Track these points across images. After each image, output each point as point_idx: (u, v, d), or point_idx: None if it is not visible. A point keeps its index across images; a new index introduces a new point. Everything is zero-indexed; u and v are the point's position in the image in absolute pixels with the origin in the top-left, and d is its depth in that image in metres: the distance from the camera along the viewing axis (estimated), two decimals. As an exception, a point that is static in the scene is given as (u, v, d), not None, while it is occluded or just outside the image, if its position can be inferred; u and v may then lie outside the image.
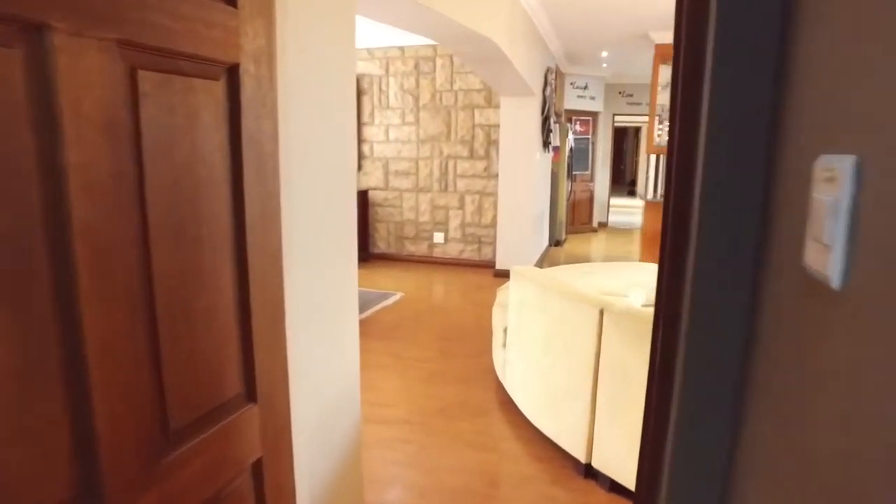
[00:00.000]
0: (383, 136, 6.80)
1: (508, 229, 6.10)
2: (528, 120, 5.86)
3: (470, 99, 6.39)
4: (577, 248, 8.32)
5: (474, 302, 5.25)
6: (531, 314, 2.68)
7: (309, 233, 1.41)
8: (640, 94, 9.73)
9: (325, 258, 1.53)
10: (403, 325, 4.53)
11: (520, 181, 5.98)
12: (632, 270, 4.43)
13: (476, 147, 6.47)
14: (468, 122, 6.44)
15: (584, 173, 9.39)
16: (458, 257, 6.79)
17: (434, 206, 6.76)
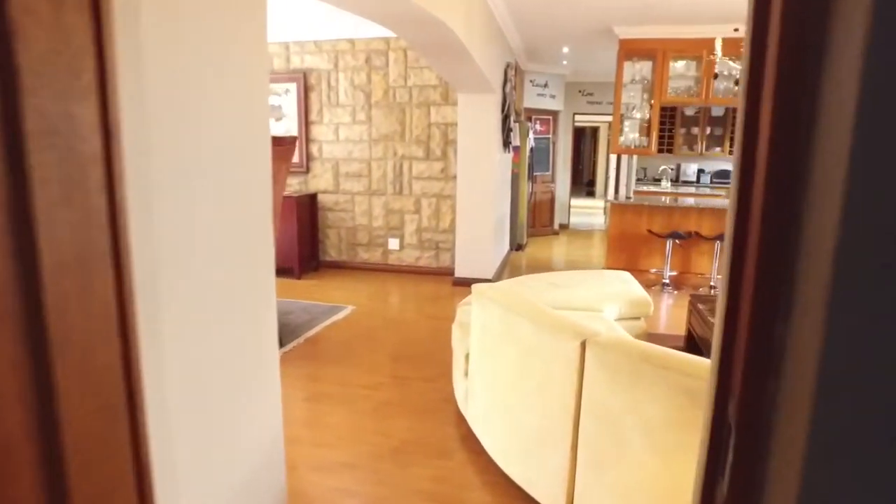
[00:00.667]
0: (333, 135, 6.32)
1: (468, 234, 5.72)
2: (487, 118, 5.50)
3: (425, 96, 5.98)
4: (539, 252, 8.02)
5: (432, 315, 4.84)
6: (496, 343, 2.30)
7: (191, 264, 0.99)
8: (601, 92, 9.54)
9: (224, 295, 1.11)
10: (353, 345, 4.08)
11: (479, 183, 5.61)
12: (602, 280, 4.12)
13: (432, 147, 6.07)
14: (424, 121, 6.03)
15: (545, 174, 9.12)
16: (415, 265, 6.37)
17: (388, 210, 6.32)
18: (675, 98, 5.77)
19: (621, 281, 4.14)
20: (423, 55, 4.24)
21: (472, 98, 5.45)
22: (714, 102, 5.71)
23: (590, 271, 4.47)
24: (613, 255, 6.17)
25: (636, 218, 6.05)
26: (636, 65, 5.95)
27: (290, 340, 4.10)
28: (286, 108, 6.36)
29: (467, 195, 5.64)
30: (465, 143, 5.56)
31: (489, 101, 5.46)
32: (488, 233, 5.69)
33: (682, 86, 5.86)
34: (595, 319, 3.20)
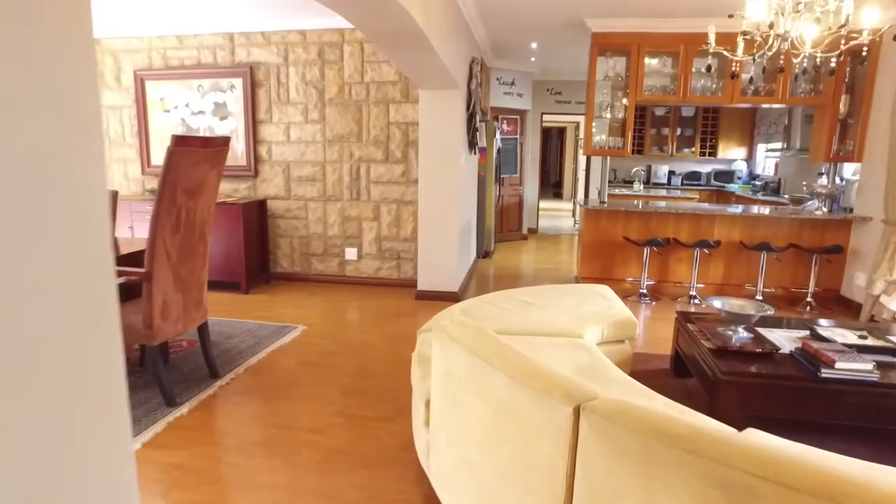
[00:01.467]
0: (283, 135, 5.77)
1: (431, 243, 5.25)
2: (451, 117, 5.04)
3: (384, 93, 5.49)
4: (508, 259, 7.60)
5: (392, 335, 4.36)
6: (462, 393, 1.83)
7: None
8: (570, 92, 9.20)
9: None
10: (302, 375, 3.56)
11: (443, 187, 5.15)
12: (580, 296, 3.70)
13: (392, 149, 5.58)
14: (382, 120, 5.53)
15: (513, 176, 8.73)
16: (375, 276, 5.87)
17: (345, 217, 5.80)
18: (651, 97, 5.43)
19: (601, 297, 3.73)
20: (380, 46, 3.75)
21: (434, 95, 4.99)
22: (692, 101, 5.39)
23: (566, 286, 4.06)
24: (587, 263, 5.79)
25: (611, 224, 5.68)
26: (610, 60, 5.58)
27: (229, 371, 3.56)
28: (231, 105, 5.78)
29: (430, 201, 5.18)
30: (427, 143, 5.09)
31: (453, 99, 5.00)
32: (453, 241, 5.23)
33: (658, 84, 5.52)
34: (576, 348, 2.77)
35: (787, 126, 7.54)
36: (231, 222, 5.37)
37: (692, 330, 3.27)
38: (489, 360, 1.68)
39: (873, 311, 4.88)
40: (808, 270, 5.44)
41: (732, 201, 8.22)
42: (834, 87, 5.25)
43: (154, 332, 2.91)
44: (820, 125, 5.47)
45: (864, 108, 5.21)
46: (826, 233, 5.47)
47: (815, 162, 5.83)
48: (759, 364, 2.76)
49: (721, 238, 5.55)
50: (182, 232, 2.99)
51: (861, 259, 5.25)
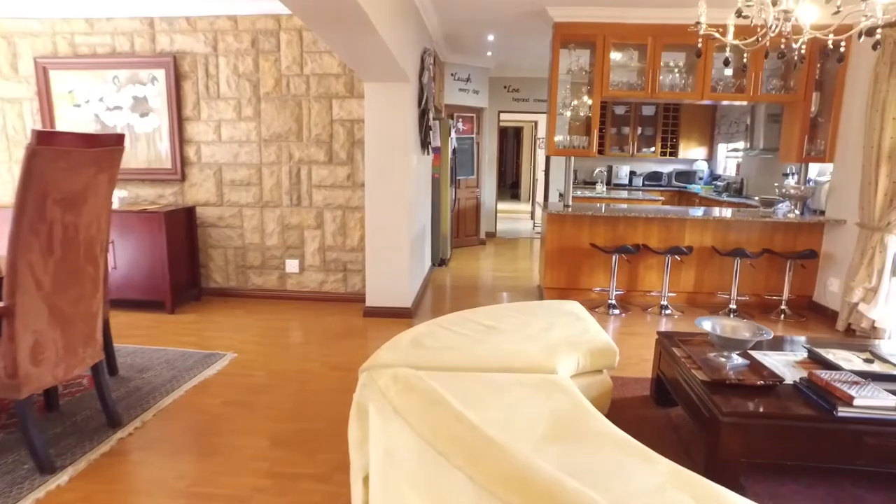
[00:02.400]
0: (214, 134, 5.12)
1: (381, 254, 4.72)
2: (401, 113, 4.52)
3: (326, 86, 4.92)
4: (466, 267, 7.13)
5: (336, 362, 3.80)
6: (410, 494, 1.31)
7: None
8: (528, 89, 8.81)
9: None
10: (224, 419, 2.97)
11: (393, 192, 4.62)
12: (549, 316, 3.24)
13: (336, 149, 5.01)
14: (325, 117, 4.96)
15: (470, 178, 8.26)
16: (319, 290, 5.28)
17: (285, 225, 5.20)
18: (617, 92, 5.04)
19: (573, 317, 3.28)
20: (315, 27, 3.20)
21: (381, 88, 4.45)
22: (661, 98, 5.04)
23: (532, 304, 3.59)
24: (551, 272, 5.37)
25: (576, 230, 5.28)
26: (573, 53, 5.18)
27: (135, 416, 2.94)
28: (153, 100, 5.09)
29: (379, 206, 4.64)
30: (374, 143, 4.56)
31: (402, 93, 4.48)
32: (405, 252, 4.71)
33: (624, 79, 5.15)
34: (550, 388, 2.30)
35: (749, 126, 7.34)
36: (152, 233, 4.70)
37: (679, 356, 2.86)
38: (445, 452, 1.17)
39: (850, 320, 4.62)
40: (781, 276, 5.17)
41: (696, 203, 7.99)
42: (805, 85, 4.98)
43: (20, 381, 2.28)
44: (790, 124, 5.21)
45: (835, 107, 4.97)
46: (798, 236, 5.22)
47: (786, 162, 5.58)
48: (762, 400, 2.35)
49: (693, 243, 5.22)
50: (58, 253, 2.37)
51: (835, 264, 5.00)
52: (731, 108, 8.39)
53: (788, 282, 5.05)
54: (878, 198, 4.39)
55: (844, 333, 4.64)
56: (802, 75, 4.97)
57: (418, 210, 5.34)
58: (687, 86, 5.08)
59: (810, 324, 4.89)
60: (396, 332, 4.45)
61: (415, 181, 4.96)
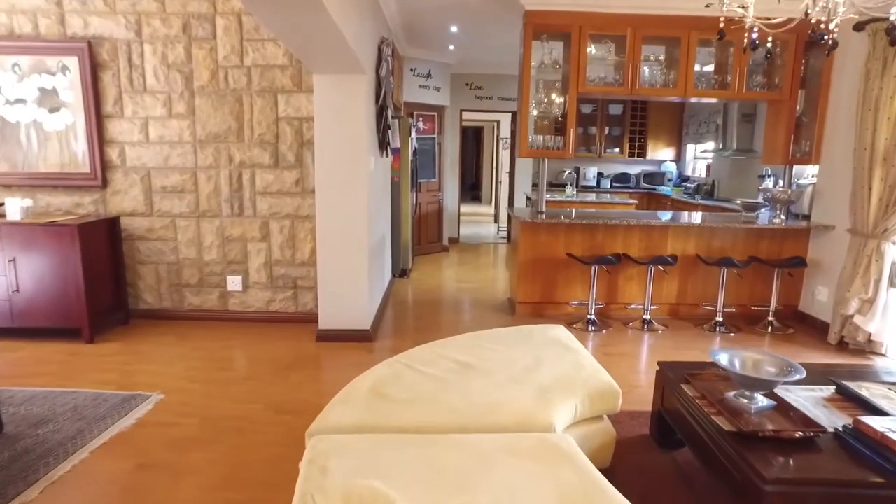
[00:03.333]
0: (140, 134, 4.44)
1: (334, 268, 4.15)
2: (357, 110, 3.96)
3: (270, 79, 4.32)
4: (429, 277, 6.61)
5: (282, 402, 3.22)
6: None
7: None
8: (492, 86, 8.36)
9: None
10: (135, 491, 2.36)
11: (349, 198, 4.06)
12: (534, 349, 2.76)
13: (283, 151, 4.42)
14: (269, 115, 4.36)
15: (431, 181, 7.75)
16: (266, 310, 4.67)
17: (225, 237, 4.56)
18: (595, 88, 4.62)
19: (562, 347, 2.81)
20: (256, 10, 2.62)
21: (333, 81, 3.89)
22: (641, 94, 4.64)
23: (512, 331, 3.10)
24: (525, 285, 4.91)
25: (551, 238, 4.83)
26: (546, 45, 4.73)
27: (15, 495, 2.30)
28: (64, 93, 4.38)
29: (333, 215, 4.07)
30: (326, 144, 3.98)
31: (358, 86, 3.92)
32: (362, 266, 4.15)
33: (600, 75, 4.73)
34: (550, 455, 1.80)
35: (722, 126, 7.07)
36: (63, 249, 4.00)
37: (691, 396, 2.41)
38: None
39: (844, 332, 4.33)
40: (767, 286, 4.86)
41: (668, 205, 7.70)
42: (791, 82, 4.68)
43: None
44: (775, 124, 4.90)
45: (820, 106, 4.68)
46: (784, 243, 4.92)
47: (770, 164, 5.29)
48: (806, 457, 1.93)
49: (675, 252, 4.85)
50: None
51: (823, 272, 4.72)
52: (700, 108, 8.16)
53: (776, 291, 4.74)
54: (873, 203, 4.10)
55: (837, 347, 4.34)
56: (788, 72, 4.66)
57: (377, 218, 4.80)
58: (669, 82, 4.70)
59: (799, 336, 4.58)
60: (353, 360, 3.91)
61: (373, 186, 4.41)
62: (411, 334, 4.44)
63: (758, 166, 6.71)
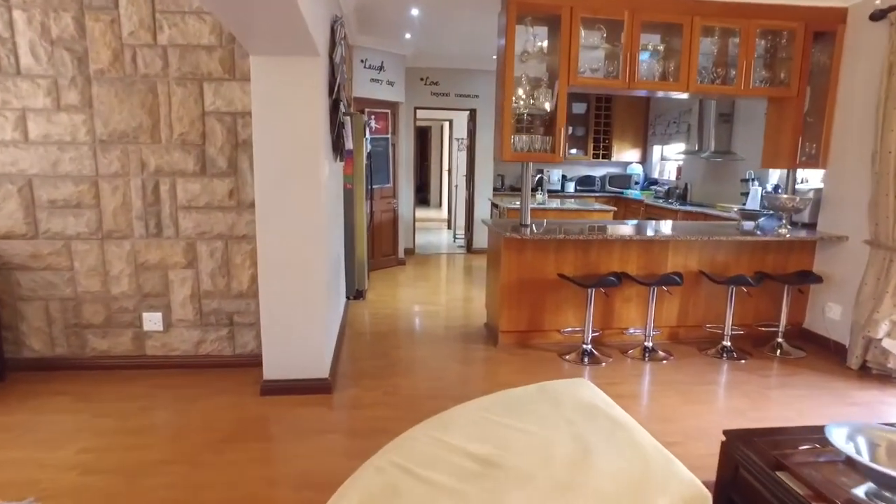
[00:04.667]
0: (15, 131, 3.41)
1: (282, 300, 3.28)
2: (308, 102, 3.11)
3: (194, 63, 3.39)
4: (388, 298, 5.80)
5: (218, 497, 2.34)
6: None
7: None
8: (450, 82, 7.63)
9: None
10: None
11: (298, 214, 3.20)
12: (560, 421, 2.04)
13: (212, 154, 3.50)
14: (193, 108, 3.44)
15: (385, 187, 6.93)
16: (196, 354, 3.73)
17: (139, 264, 3.60)
18: (588, 80, 3.96)
19: (608, 421, 2.10)
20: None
21: (277, 65, 3.02)
22: (640, 88, 4.02)
23: (529, 392, 2.37)
24: (510, 312, 4.20)
25: (540, 257, 4.14)
26: (530, 31, 4.03)
27: None
28: (-89, 79, 3.28)
29: (278, 234, 3.20)
30: (267, 146, 3.10)
31: (309, 72, 3.07)
32: (317, 295, 3.31)
33: (591, 66, 4.09)
34: None
35: (697, 126, 6.64)
36: None
37: (798, 493, 1.75)
38: None
39: (867, 356, 3.87)
40: (774, 304, 4.38)
41: (642, 211, 7.21)
42: (799, 77, 4.19)
43: None
44: (778, 123, 4.41)
45: (828, 104, 4.23)
46: (790, 256, 4.45)
47: (773, 168, 4.82)
48: None
49: (677, 268, 4.28)
50: None
51: (833, 287, 4.27)
52: (668, 107, 7.74)
53: (786, 310, 4.25)
54: (900, 212, 3.65)
55: (859, 373, 3.88)
56: (795, 66, 4.17)
57: (332, 236, 3.95)
58: (668, 75, 4.11)
59: (814, 360, 4.10)
60: (311, 423, 3.00)
61: (327, 198, 3.57)
62: (380, 380, 3.63)
63: (737, 169, 6.31)
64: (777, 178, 5.84)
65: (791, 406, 3.34)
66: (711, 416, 3.19)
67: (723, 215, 5.62)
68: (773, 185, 5.49)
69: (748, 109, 6.17)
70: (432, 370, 3.80)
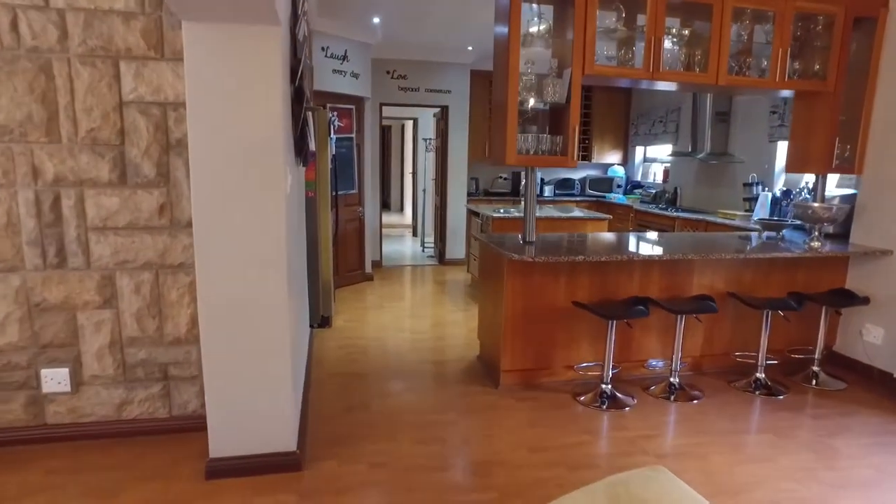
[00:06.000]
0: None
1: (231, 347, 2.45)
2: (264, 87, 2.29)
3: (106, 35, 2.53)
4: (359, 325, 5.01)
5: None
6: None
7: None
8: (418, 76, 6.89)
9: None
10: None
11: (251, 235, 2.38)
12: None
13: (133, 158, 2.64)
14: (107, 96, 2.57)
15: (351, 193, 6.12)
16: (118, 419, 2.86)
17: (34, 305, 2.69)
18: (606, 69, 3.31)
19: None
20: None
21: (222, 37, 2.20)
22: (665, 79, 3.40)
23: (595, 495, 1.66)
24: (514, 347, 3.49)
25: (549, 282, 3.46)
26: (535, 8, 3.34)
27: None
28: None
29: (223, 261, 2.37)
30: (210, 147, 2.27)
31: (264, 47, 2.27)
32: (280, 336, 2.50)
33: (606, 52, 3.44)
34: None
35: (691, 126, 6.13)
36: None
37: None
38: None
39: (922, 391, 3.37)
40: (808, 326, 3.85)
41: (631, 217, 6.65)
42: (837, 69, 3.67)
43: None
44: (809, 121, 3.89)
45: (866, 101, 3.73)
46: (823, 273, 3.93)
47: (802, 172, 4.32)
48: None
49: (703, 290, 3.69)
50: None
51: (874, 307, 3.76)
52: (652, 105, 7.24)
53: (823, 335, 3.73)
54: (965, 224, 3.15)
55: (915, 409, 3.38)
56: (833, 56, 3.65)
57: (296, 260, 3.13)
58: (694, 64, 3.50)
59: (859, 393, 3.58)
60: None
61: (289, 213, 2.76)
62: (362, 446, 2.86)
63: (735, 173, 5.84)
64: (783, 183, 5.38)
65: (865, 461, 2.77)
66: (780, 480, 2.58)
67: (731, 224, 5.09)
68: (783, 191, 5.01)
69: (746, 108, 5.70)
70: (426, 427, 3.05)
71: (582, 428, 3.06)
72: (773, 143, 5.36)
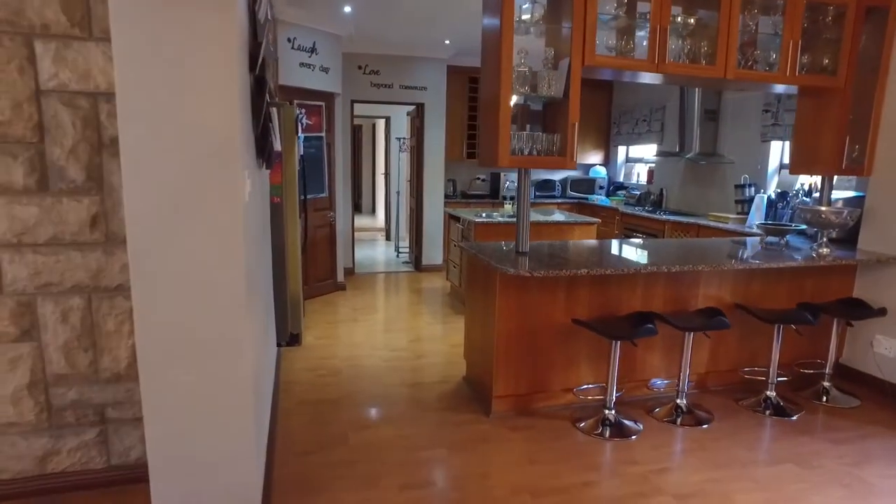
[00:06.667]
0: None
1: (178, 388, 2.02)
2: (216, 76, 1.88)
3: (15, 5, 2.07)
4: (330, 343, 4.59)
5: None
6: None
7: None
8: (392, 71, 6.49)
9: None
10: None
11: (202, 251, 1.96)
12: None
13: (57, 159, 2.19)
14: (20, 83, 2.11)
15: (321, 196, 5.69)
16: (42, 474, 2.39)
17: (-67, 338, 2.21)
18: (609, 60, 2.98)
19: None
20: None
21: (163, 12, 1.78)
22: (671, 71, 3.10)
23: None
24: (507, 371, 3.13)
25: (546, 298, 3.11)
26: (527, -7, 3.00)
27: None
28: None
29: (166, 283, 1.94)
30: (145, 146, 1.84)
31: (217, 24, 1.85)
32: (240, 372, 2.08)
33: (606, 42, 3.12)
34: None
35: (679, 124, 5.89)
36: None
37: None
38: None
39: (944, 409, 3.14)
40: (816, 339, 3.60)
41: (618, 219, 6.38)
42: (848, 64, 3.42)
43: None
44: (816, 119, 3.64)
45: (876, 98, 3.49)
46: (830, 281, 3.68)
47: (806, 174, 4.07)
48: None
49: (710, 302, 3.40)
50: None
51: (886, 317, 3.52)
52: (635, 103, 6.99)
53: (834, 348, 3.48)
54: None
55: (935, 428, 3.14)
56: (844, 50, 3.40)
57: (258, 275, 2.71)
58: (700, 57, 3.20)
59: (875, 412, 3.33)
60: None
61: (249, 224, 2.34)
62: (340, 493, 2.46)
63: (724, 173, 5.61)
64: (777, 185, 5.16)
65: (901, 496, 2.50)
66: (816, 525, 2.28)
67: (724, 228, 4.85)
68: (779, 193, 4.78)
69: (737, 106, 5.47)
70: (412, 466, 2.67)
71: (587, 463, 2.72)
72: (766, 143, 5.13)
